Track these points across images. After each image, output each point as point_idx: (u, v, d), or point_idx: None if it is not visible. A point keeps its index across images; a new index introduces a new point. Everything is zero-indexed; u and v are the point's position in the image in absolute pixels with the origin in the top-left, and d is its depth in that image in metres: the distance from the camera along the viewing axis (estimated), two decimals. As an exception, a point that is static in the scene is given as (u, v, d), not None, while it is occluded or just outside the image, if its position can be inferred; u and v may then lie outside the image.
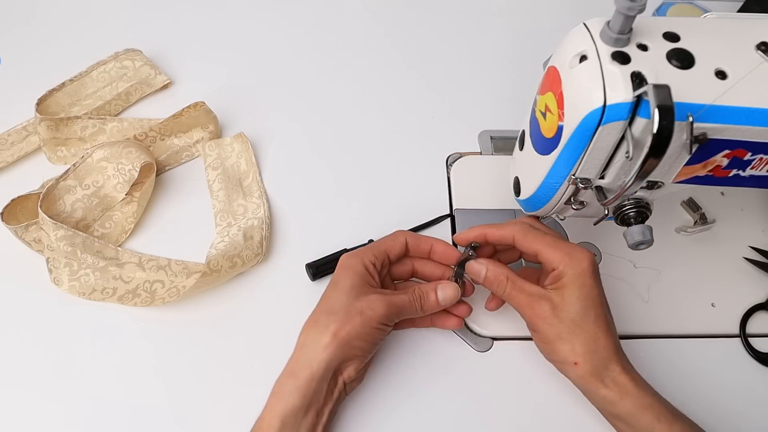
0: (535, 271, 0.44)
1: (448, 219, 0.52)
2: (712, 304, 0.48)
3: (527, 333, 0.46)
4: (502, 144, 0.57)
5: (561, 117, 0.35)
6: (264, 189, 0.53)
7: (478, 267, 0.42)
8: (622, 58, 0.32)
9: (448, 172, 0.55)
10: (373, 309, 0.39)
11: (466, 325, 0.47)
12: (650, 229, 0.38)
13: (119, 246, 0.49)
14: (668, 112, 0.30)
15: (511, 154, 0.46)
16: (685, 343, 0.47)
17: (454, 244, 0.45)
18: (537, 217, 0.45)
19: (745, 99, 0.32)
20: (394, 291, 0.42)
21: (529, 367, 0.45)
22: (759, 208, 0.54)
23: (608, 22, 0.33)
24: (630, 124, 0.32)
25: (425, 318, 0.44)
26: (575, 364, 0.38)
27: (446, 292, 0.42)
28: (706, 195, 0.53)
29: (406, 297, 0.41)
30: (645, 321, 0.47)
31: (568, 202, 0.40)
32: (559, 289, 0.39)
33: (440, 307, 0.42)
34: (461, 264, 0.43)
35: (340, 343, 0.38)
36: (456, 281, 0.43)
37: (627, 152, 0.33)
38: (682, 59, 0.33)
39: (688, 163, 0.35)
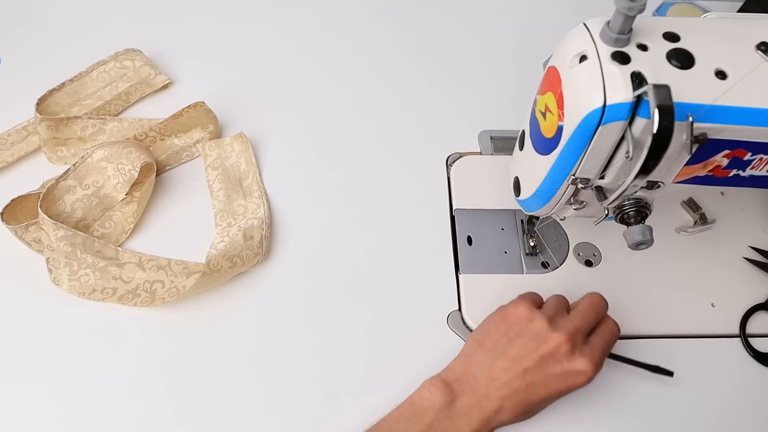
0: None
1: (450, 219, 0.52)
2: (712, 304, 0.48)
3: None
4: (502, 144, 0.57)
5: (561, 117, 0.35)
6: (264, 189, 0.53)
7: None
8: (622, 58, 0.32)
9: (448, 172, 0.55)
10: None
11: (465, 324, 0.47)
12: (650, 229, 0.38)
13: (119, 246, 0.49)
14: (668, 112, 0.30)
15: (511, 154, 0.46)
16: (685, 343, 0.47)
17: None
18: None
19: (745, 99, 0.32)
20: None
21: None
22: (759, 208, 0.54)
23: (608, 22, 0.33)
24: (630, 124, 0.32)
25: None
26: None
27: None
28: (706, 195, 0.53)
29: None
30: (645, 321, 0.47)
31: (568, 202, 0.40)
32: None
33: None
34: None
35: None
36: None
37: (627, 152, 0.33)
38: (682, 59, 0.33)
39: (688, 163, 0.35)
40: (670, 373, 0.44)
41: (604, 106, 0.32)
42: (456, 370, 0.41)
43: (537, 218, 0.50)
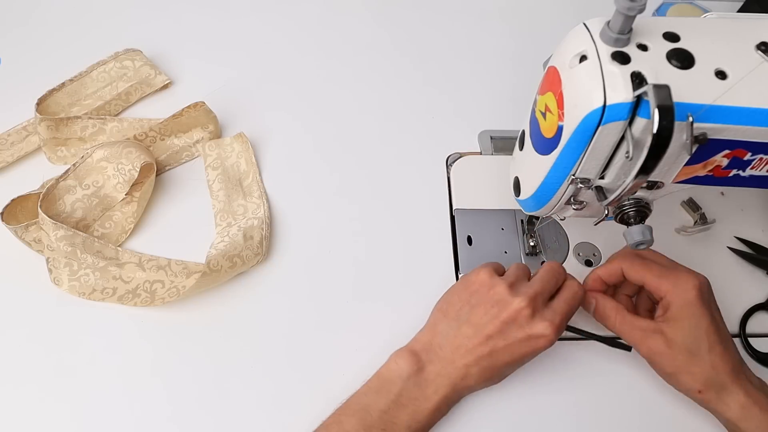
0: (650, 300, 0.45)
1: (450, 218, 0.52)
2: (712, 304, 0.48)
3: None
4: (502, 144, 0.57)
5: (561, 117, 0.35)
6: (264, 189, 0.53)
7: (589, 301, 0.44)
8: (622, 58, 0.32)
9: (448, 172, 0.55)
10: None
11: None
12: (650, 229, 0.38)
13: (119, 246, 0.49)
14: (668, 112, 0.30)
15: (511, 154, 0.46)
16: (685, 343, 0.47)
17: None
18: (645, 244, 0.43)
19: (745, 99, 0.32)
20: None
21: (529, 366, 0.45)
22: (759, 208, 0.54)
23: (608, 22, 0.33)
24: (630, 124, 0.32)
25: None
26: (699, 392, 0.40)
27: None
28: (706, 195, 0.53)
29: None
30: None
31: (568, 202, 0.40)
32: (669, 321, 0.40)
33: None
34: None
35: None
36: None
37: (627, 152, 0.33)
38: (682, 59, 0.33)
39: (688, 163, 0.35)
40: (628, 348, 0.43)
41: (604, 106, 0.32)
42: (422, 340, 0.42)
43: (537, 218, 0.50)
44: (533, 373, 0.45)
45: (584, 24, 0.35)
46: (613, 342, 0.43)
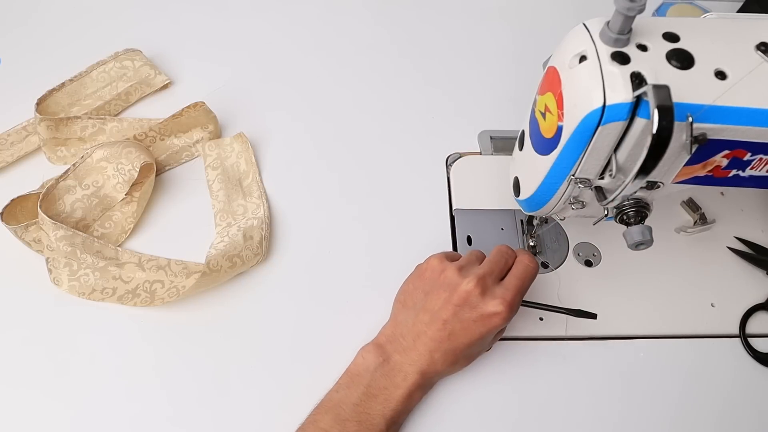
0: None
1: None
2: (712, 304, 0.48)
3: (527, 333, 0.46)
4: (502, 144, 0.57)
5: (560, 117, 0.35)
6: (264, 189, 0.53)
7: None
8: (621, 58, 0.32)
9: (448, 172, 0.55)
10: None
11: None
12: (650, 229, 0.38)
13: (119, 246, 0.49)
14: (668, 112, 0.30)
15: (511, 154, 0.46)
16: (685, 343, 0.47)
17: None
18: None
19: (744, 99, 0.32)
20: None
21: (529, 366, 0.45)
22: (759, 208, 0.54)
23: (608, 23, 0.33)
24: (629, 124, 0.32)
25: None
26: None
27: None
28: (706, 195, 0.53)
29: None
30: (645, 321, 0.47)
31: (567, 202, 0.40)
32: None
33: None
34: None
35: None
36: None
37: (611, 171, 0.33)
38: (682, 59, 0.33)
39: (687, 164, 0.35)
40: (593, 316, 0.43)
41: (604, 106, 0.32)
42: (386, 333, 0.43)
43: (537, 218, 0.50)
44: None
45: (584, 24, 0.35)
46: (577, 312, 0.43)
